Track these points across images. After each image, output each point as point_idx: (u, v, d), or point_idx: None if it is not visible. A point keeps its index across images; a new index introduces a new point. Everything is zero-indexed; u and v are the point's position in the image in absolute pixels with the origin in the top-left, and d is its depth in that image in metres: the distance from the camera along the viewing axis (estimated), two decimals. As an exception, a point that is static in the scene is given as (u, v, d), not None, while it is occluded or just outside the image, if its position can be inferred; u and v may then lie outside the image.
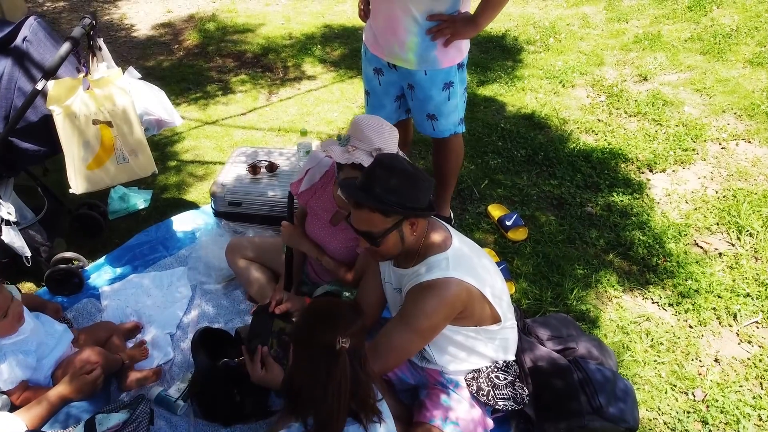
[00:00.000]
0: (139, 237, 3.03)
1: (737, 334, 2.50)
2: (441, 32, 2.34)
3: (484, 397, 1.96)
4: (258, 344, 1.91)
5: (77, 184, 2.43)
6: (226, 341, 2.26)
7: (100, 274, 2.82)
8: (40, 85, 2.24)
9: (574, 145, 3.65)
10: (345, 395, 1.46)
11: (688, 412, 2.20)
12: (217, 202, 2.97)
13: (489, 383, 1.98)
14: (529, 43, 4.95)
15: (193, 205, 3.30)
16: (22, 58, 2.26)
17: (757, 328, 2.52)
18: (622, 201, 3.20)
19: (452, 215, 3.09)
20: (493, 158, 3.58)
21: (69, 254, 2.74)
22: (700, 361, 2.40)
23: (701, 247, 2.92)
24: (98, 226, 3.01)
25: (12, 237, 2.44)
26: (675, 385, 2.30)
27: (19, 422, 1.84)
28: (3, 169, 2.48)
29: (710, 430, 2.14)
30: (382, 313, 2.17)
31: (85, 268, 2.82)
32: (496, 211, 3.14)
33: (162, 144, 3.81)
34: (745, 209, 3.07)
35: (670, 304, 2.63)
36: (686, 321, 2.56)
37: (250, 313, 1.96)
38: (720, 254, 2.87)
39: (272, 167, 3.00)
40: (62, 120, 2.30)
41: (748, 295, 2.64)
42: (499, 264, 2.70)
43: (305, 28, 5.35)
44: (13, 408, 1.96)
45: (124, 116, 2.40)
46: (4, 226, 2.40)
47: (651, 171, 3.45)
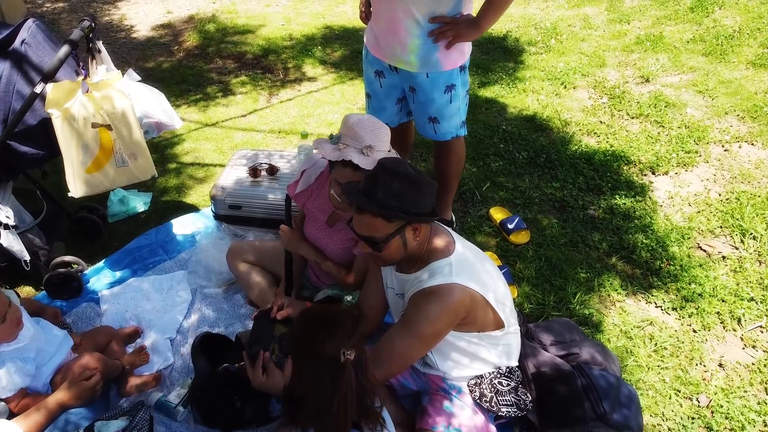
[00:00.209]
0: (139, 240, 3.01)
1: (741, 339, 2.48)
2: (443, 34, 2.32)
3: (487, 404, 1.95)
4: (259, 350, 1.89)
5: (76, 188, 2.41)
6: (226, 346, 2.24)
7: (100, 278, 2.80)
8: (38, 89, 2.22)
9: (576, 147, 3.63)
10: (351, 407, 1.44)
11: (693, 418, 2.18)
12: (217, 205, 2.95)
13: (492, 389, 1.96)
14: (531, 44, 4.93)
15: (193, 208, 3.28)
16: (20, 61, 2.24)
17: (762, 332, 2.50)
18: (624, 204, 3.18)
19: (454, 218, 3.07)
20: (494, 160, 3.56)
21: (68, 258, 2.72)
22: (704, 366, 2.38)
23: (704, 251, 2.90)
24: (98, 230, 2.99)
25: (11, 241, 2.43)
26: (679, 391, 2.28)
27: (18, 430, 1.82)
28: (1, 172, 2.46)
29: (715, 437, 2.13)
30: (383, 318, 2.15)
31: (85, 272, 2.80)
32: (497, 214, 3.12)
33: (162, 146, 3.79)
34: (749, 212, 3.05)
35: (673, 308, 2.61)
36: (690, 325, 2.54)
37: (251, 318, 1.94)
38: (723, 258, 2.85)
39: (273, 170, 2.98)
40: (61, 123, 2.28)
41: (752, 299, 2.62)
42: (501, 268, 2.69)
43: (305, 29, 5.34)
44: (12, 415, 1.94)
45: (124, 119, 2.38)
46: (2, 230, 2.38)
47: (653, 173, 3.43)
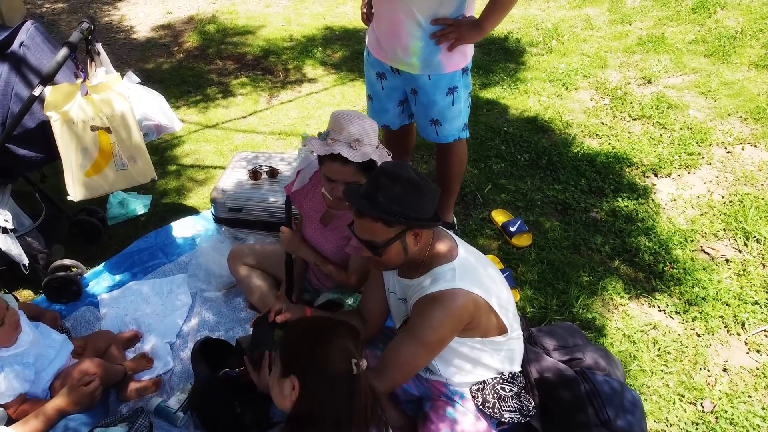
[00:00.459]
0: (139, 243, 2.99)
1: (745, 343, 2.47)
2: (446, 36, 2.30)
3: (490, 410, 1.93)
4: (263, 352, 1.87)
5: (75, 192, 2.39)
6: (226, 351, 2.22)
7: (99, 281, 2.79)
8: (37, 91, 2.20)
9: (578, 149, 3.61)
10: (371, 414, 1.40)
11: (697, 424, 2.16)
12: (218, 208, 2.93)
13: (494, 395, 1.94)
14: (532, 45, 4.91)
15: (193, 211, 3.26)
16: (18, 64, 2.22)
17: (766, 336, 2.49)
18: (627, 206, 3.16)
19: (455, 221, 3.06)
20: (496, 162, 3.54)
21: (67, 261, 2.71)
22: (708, 370, 2.36)
23: (708, 254, 2.89)
24: (97, 232, 2.97)
25: (9, 244, 2.41)
26: (683, 396, 2.26)
27: (16, 436, 1.80)
28: (0, 175, 2.44)
29: (720, 443, 2.11)
30: (385, 322, 2.14)
31: (84, 276, 2.78)
32: (499, 216, 3.10)
33: (161, 148, 3.77)
34: (752, 215, 3.03)
35: (677, 312, 2.59)
36: (694, 329, 2.52)
37: (251, 325, 1.92)
38: (727, 261, 2.83)
39: (273, 173, 2.96)
40: (60, 126, 2.26)
41: (756, 302, 2.60)
42: (503, 271, 2.67)
43: (306, 29, 5.32)
44: (10, 421, 1.92)
45: (123, 122, 2.36)
46: (1, 234, 2.36)
47: (656, 175, 3.41)
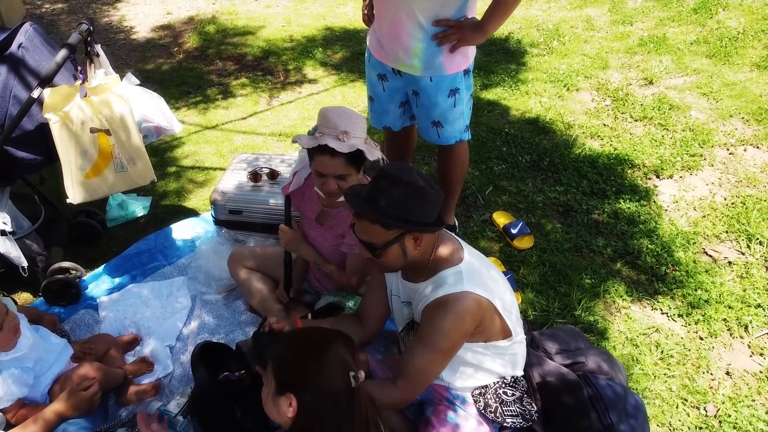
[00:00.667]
0: (138, 245, 2.97)
1: (749, 346, 2.45)
2: (447, 38, 2.29)
3: (492, 414, 1.91)
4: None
5: (75, 194, 2.37)
6: (226, 355, 2.21)
7: (98, 284, 2.77)
8: (35, 93, 2.19)
9: (579, 151, 3.59)
10: (372, 424, 1.39)
11: (700, 428, 2.15)
12: (218, 210, 2.91)
13: (497, 399, 1.93)
14: (533, 46, 4.89)
15: (193, 213, 3.25)
16: (17, 66, 2.20)
17: (769, 339, 2.47)
18: (629, 208, 3.14)
19: (457, 223, 3.04)
20: (497, 164, 3.53)
21: (66, 264, 2.69)
22: (712, 374, 2.35)
23: (710, 256, 2.87)
24: (96, 234, 2.96)
25: (8, 247, 2.40)
26: (686, 400, 2.25)
27: (14, 441, 1.79)
28: (-2, 178, 2.43)
29: (723, 447, 2.10)
30: (384, 324, 2.12)
31: (83, 278, 2.76)
32: (501, 218, 3.09)
33: (161, 149, 3.76)
34: (755, 217, 3.02)
35: (679, 315, 2.58)
36: (696, 332, 2.51)
37: (250, 339, 1.90)
38: (730, 263, 2.82)
39: (273, 174, 2.94)
40: (59, 128, 2.24)
41: (759, 305, 2.59)
42: (505, 274, 2.65)
43: (306, 30, 5.30)
44: (9, 426, 1.91)
45: (122, 124, 2.34)
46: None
47: (658, 177, 3.40)
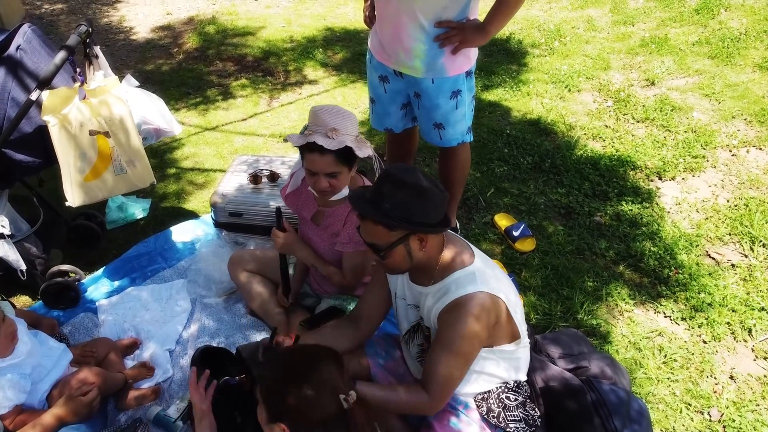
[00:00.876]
0: (138, 248, 2.96)
1: (752, 350, 2.43)
2: (449, 39, 2.27)
3: (495, 419, 1.89)
4: None
5: (74, 197, 2.36)
6: (226, 359, 2.19)
7: (98, 287, 2.75)
8: (34, 95, 2.17)
9: (581, 152, 3.58)
10: None
11: (705, 433, 2.13)
12: (218, 213, 2.90)
13: (499, 404, 1.91)
14: (534, 47, 4.87)
15: (193, 215, 3.23)
16: (15, 68, 2.19)
17: (773, 343, 2.46)
18: (631, 210, 3.13)
19: (458, 225, 3.03)
20: (499, 165, 3.51)
21: (65, 267, 2.68)
22: (715, 378, 2.33)
23: (713, 259, 2.85)
24: (96, 237, 2.94)
25: (6, 250, 2.38)
26: (690, 404, 2.23)
27: (12, 448, 1.77)
28: (-3, 180, 2.41)
29: (728, 453, 2.08)
30: (379, 326, 2.09)
31: (82, 281, 2.75)
32: (502, 220, 3.07)
33: (161, 151, 3.74)
34: (758, 219, 3.00)
35: (683, 318, 2.56)
36: (700, 336, 2.49)
37: (260, 357, 1.86)
38: (733, 266, 2.80)
39: (274, 177, 2.92)
40: (58, 131, 2.23)
41: (762, 308, 2.57)
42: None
43: (306, 31, 5.28)
44: (7, 432, 1.89)
45: (121, 125, 2.33)
46: (-2, 240, 2.33)
47: (660, 179, 3.38)
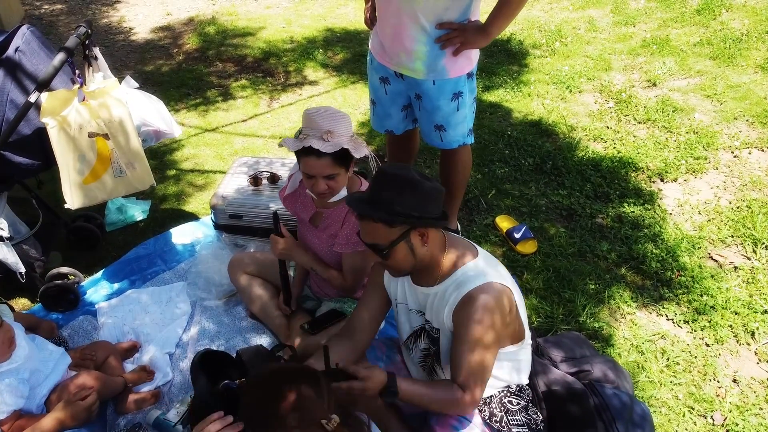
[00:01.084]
0: (137, 250, 2.94)
1: (756, 353, 2.42)
2: (451, 41, 2.26)
3: (497, 423, 1.88)
4: None
5: (73, 199, 2.35)
6: (226, 363, 2.17)
7: (97, 289, 2.74)
8: (33, 97, 2.16)
9: (582, 154, 3.56)
10: None
11: (708, 437, 2.12)
12: (218, 215, 2.88)
13: (502, 408, 1.90)
14: (535, 47, 4.86)
15: (193, 216, 3.22)
16: (14, 70, 2.17)
17: (776, 346, 2.44)
18: (633, 212, 3.11)
19: (459, 227, 3.01)
20: (500, 167, 3.50)
21: (64, 269, 2.66)
22: (718, 381, 2.32)
23: (716, 261, 2.84)
24: (95, 239, 2.93)
25: (5, 253, 2.36)
26: (693, 408, 2.22)
27: (11, 453, 1.76)
28: (-5, 183, 2.40)
29: (731, 457, 2.07)
30: (374, 336, 2.06)
31: (81, 284, 2.73)
32: (504, 222, 3.06)
33: (161, 152, 3.72)
34: (761, 221, 2.98)
35: (685, 321, 2.55)
36: (702, 339, 2.48)
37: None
38: (735, 268, 2.78)
39: (274, 179, 2.91)
40: (57, 133, 2.21)
41: (766, 311, 2.56)
42: (508, 279, 2.62)
43: (307, 31, 5.27)
44: (5, 437, 1.88)
45: (121, 127, 2.32)
46: (-3, 243, 2.32)
47: (662, 180, 3.37)
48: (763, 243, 2.87)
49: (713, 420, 2.17)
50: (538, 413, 1.92)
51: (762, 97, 3.94)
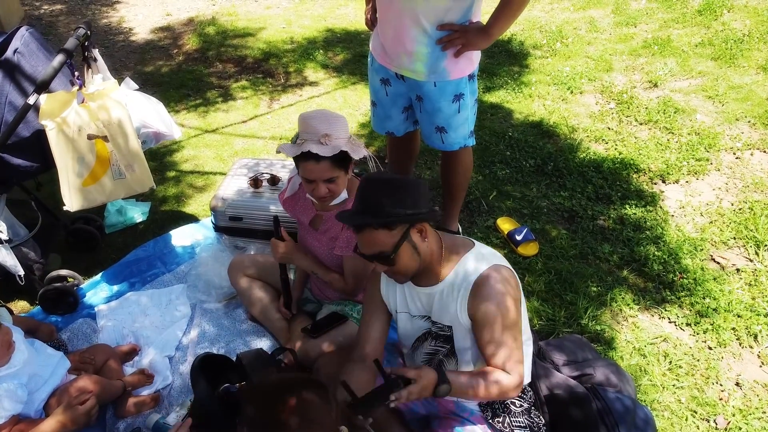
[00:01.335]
0: (137, 252, 2.93)
1: (758, 356, 2.40)
2: (452, 42, 2.24)
3: (500, 425, 1.87)
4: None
5: (72, 202, 2.33)
6: (226, 366, 2.17)
7: (96, 292, 2.73)
8: (32, 99, 2.15)
9: (584, 155, 3.55)
10: None
11: (711, 441, 2.11)
12: (218, 217, 2.87)
13: (504, 410, 1.89)
14: (536, 48, 4.85)
15: (193, 218, 3.20)
16: (13, 71, 2.16)
17: (780, 349, 2.43)
18: (635, 214, 3.10)
19: (460, 229, 3.00)
20: (501, 168, 3.48)
21: (64, 272, 2.65)
22: (721, 385, 2.30)
23: (718, 263, 2.83)
24: (94, 241, 2.92)
25: (4, 255, 2.35)
26: (695, 412, 2.20)
27: (9, 458, 1.74)
28: (-6, 185, 2.39)
29: (734, 461, 2.06)
30: (384, 343, 2.04)
31: (81, 286, 2.72)
32: (505, 224, 3.04)
33: (160, 154, 3.71)
34: (763, 223, 2.97)
35: (687, 324, 2.53)
36: (705, 342, 2.46)
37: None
38: (738, 270, 2.77)
39: (274, 180, 2.90)
40: (56, 135, 2.20)
41: (768, 314, 2.55)
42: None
43: (307, 32, 5.26)
44: (3, 442, 1.87)
45: (120, 129, 2.30)
46: (-4, 246, 2.30)
47: (664, 182, 3.35)
48: (766, 245, 2.86)
49: (716, 424, 2.16)
50: (541, 416, 1.92)
51: (764, 98, 3.93)
